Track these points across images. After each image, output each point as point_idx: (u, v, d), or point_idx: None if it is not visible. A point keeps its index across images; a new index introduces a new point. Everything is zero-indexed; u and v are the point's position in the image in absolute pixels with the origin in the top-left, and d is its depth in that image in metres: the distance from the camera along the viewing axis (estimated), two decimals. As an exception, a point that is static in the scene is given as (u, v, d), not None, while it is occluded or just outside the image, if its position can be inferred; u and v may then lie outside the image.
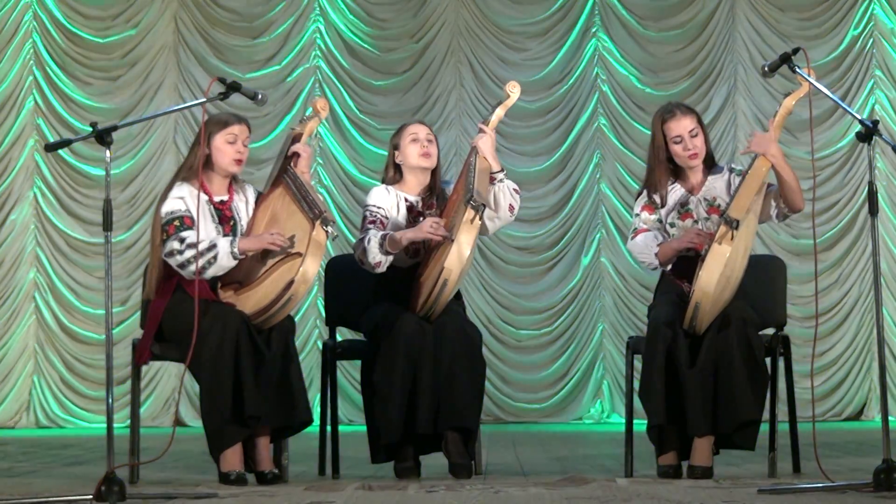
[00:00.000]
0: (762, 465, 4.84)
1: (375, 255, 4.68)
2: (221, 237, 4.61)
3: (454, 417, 4.59)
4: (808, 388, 6.33)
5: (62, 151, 9.78)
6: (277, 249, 4.53)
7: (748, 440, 4.57)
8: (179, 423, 9.18)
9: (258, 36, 10.16)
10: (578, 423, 9.81)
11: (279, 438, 4.65)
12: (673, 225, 4.83)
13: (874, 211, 4.07)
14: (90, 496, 3.78)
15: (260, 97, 4.55)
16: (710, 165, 4.89)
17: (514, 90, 4.91)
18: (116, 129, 4.15)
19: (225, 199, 4.75)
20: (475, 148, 4.79)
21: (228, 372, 4.43)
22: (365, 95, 10.13)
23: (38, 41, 10.10)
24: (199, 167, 4.63)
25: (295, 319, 4.74)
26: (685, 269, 4.72)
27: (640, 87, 10.05)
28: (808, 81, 4.46)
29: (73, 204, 10.03)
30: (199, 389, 4.55)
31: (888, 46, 9.98)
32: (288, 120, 9.93)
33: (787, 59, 4.33)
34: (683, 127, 4.78)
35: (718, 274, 4.48)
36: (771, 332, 4.83)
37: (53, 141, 4.27)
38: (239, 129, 4.72)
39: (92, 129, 4.06)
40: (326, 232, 4.51)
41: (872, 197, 4.05)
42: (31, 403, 9.92)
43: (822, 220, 9.78)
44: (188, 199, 4.65)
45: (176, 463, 5.54)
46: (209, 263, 4.54)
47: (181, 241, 4.56)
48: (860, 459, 5.44)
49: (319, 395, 5.18)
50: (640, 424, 4.68)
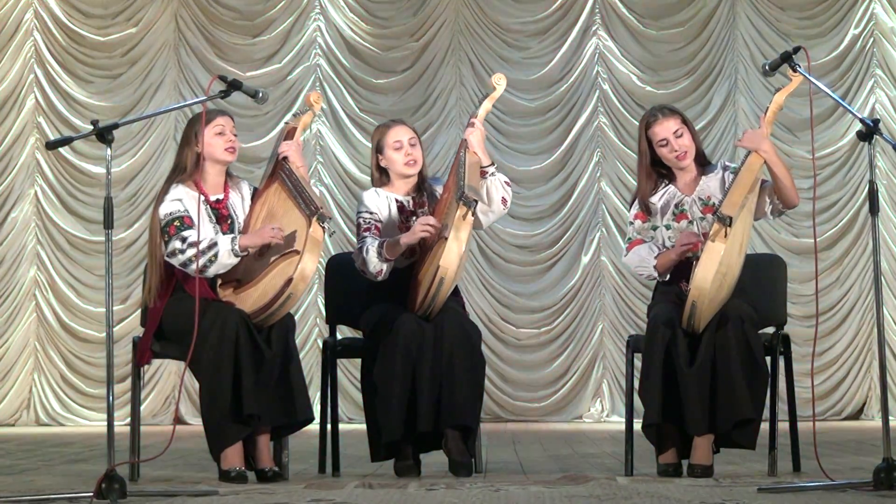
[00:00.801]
0: (762, 463, 4.84)
1: (375, 264, 4.69)
2: (221, 235, 4.61)
3: (454, 415, 4.59)
4: (808, 386, 6.31)
5: (63, 149, 9.79)
6: (280, 242, 4.53)
7: (748, 439, 4.56)
8: (180, 420, 9.19)
9: (258, 34, 10.16)
10: (578, 421, 9.81)
11: (279, 436, 4.65)
12: (669, 227, 4.82)
13: (875, 210, 4.07)
14: (90, 493, 3.78)
15: (260, 95, 4.55)
16: (703, 164, 4.88)
17: (500, 82, 4.92)
18: (117, 127, 4.15)
19: (220, 197, 4.74)
20: (465, 142, 4.80)
21: (228, 371, 4.43)
22: (365, 94, 10.13)
23: (38, 39, 10.10)
24: (199, 166, 4.63)
25: (295, 317, 4.73)
26: (681, 270, 4.72)
27: (640, 85, 10.05)
28: (810, 80, 4.45)
29: (73, 202, 10.04)
30: (198, 388, 4.55)
31: (888, 46, 9.97)
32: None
33: (787, 57, 4.33)
34: (667, 129, 4.78)
35: (714, 272, 4.47)
36: (771, 331, 4.83)
37: (54, 139, 4.28)
38: (224, 120, 4.72)
39: (93, 127, 4.07)
40: (323, 228, 4.51)
41: (873, 196, 4.05)
42: (31, 401, 9.93)
43: (822, 219, 9.77)
44: (185, 199, 4.65)
45: (176, 460, 5.54)
46: (210, 262, 4.54)
47: (183, 240, 4.56)
48: (860, 458, 5.44)
49: (320, 393, 5.18)
50: (640, 423, 4.68)
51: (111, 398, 3.95)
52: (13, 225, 10.02)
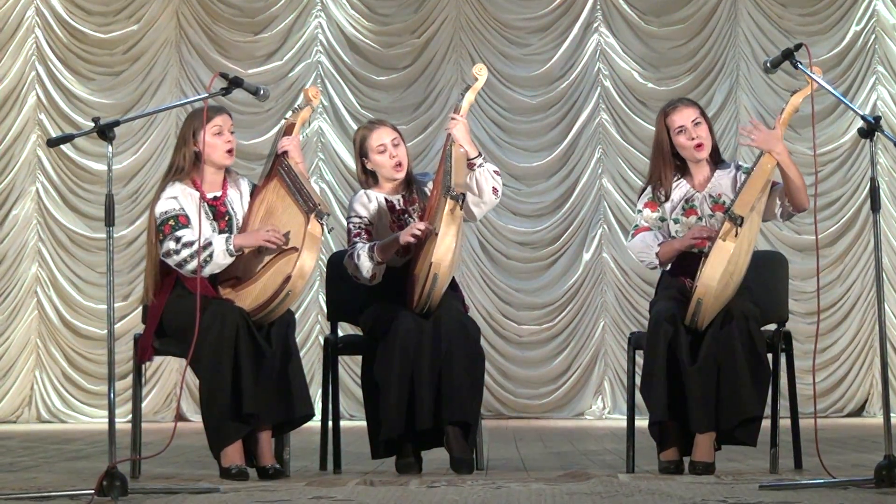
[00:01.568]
0: (764, 460, 4.84)
1: (367, 268, 4.69)
2: (217, 235, 4.61)
3: (454, 412, 4.59)
4: (809, 383, 6.33)
5: (64, 147, 9.79)
6: (273, 247, 4.53)
7: (750, 436, 4.57)
8: (181, 417, 9.19)
9: (260, 31, 10.16)
10: (580, 418, 9.81)
11: (280, 433, 4.65)
12: (677, 221, 4.81)
13: (876, 207, 4.07)
14: (92, 490, 3.78)
15: (262, 93, 4.55)
16: (716, 161, 4.88)
17: (481, 73, 4.91)
18: (118, 124, 4.15)
19: (218, 194, 4.73)
20: (450, 137, 4.79)
21: (227, 369, 4.43)
22: (366, 91, 10.13)
23: (40, 37, 10.09)
24: (201, 164, 4.63)
25: (296, 314, 4.73)
26: (686, 266, 4.72)
27: (641, 82, 10.04)
28: (810, 77, 4.45)
29: (75, 199, 10.04)
30: (199, 385, 4.55)
31: (890, 42, 9.96)
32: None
33: (789, 54, 4.33)
34: (686, 117, 4.78)
35: (722, 270, 4.48)
36: (773, 327, 4.82)
37: (56, 136, 4.29)
38: (221, 119, 4.70)
39: (94, 124, 4.07)
40: (322, 224, 4.51)
41: (874, 193, 4.05)
42: (32, 398, 9.93)
43: (824, 216, 9.77)
44: (181, 197, 4.64)
45: (177, 458, 5.54)
46: (205, 262, 4.53)
47: (177, 240, 4.55)
48: (862, 455, 5.44)
49: (321, 390, 5.18)
50: (641, 420, 4.68)
51: (112, 395, 3.96)
52: (15, 222, 10.02)
